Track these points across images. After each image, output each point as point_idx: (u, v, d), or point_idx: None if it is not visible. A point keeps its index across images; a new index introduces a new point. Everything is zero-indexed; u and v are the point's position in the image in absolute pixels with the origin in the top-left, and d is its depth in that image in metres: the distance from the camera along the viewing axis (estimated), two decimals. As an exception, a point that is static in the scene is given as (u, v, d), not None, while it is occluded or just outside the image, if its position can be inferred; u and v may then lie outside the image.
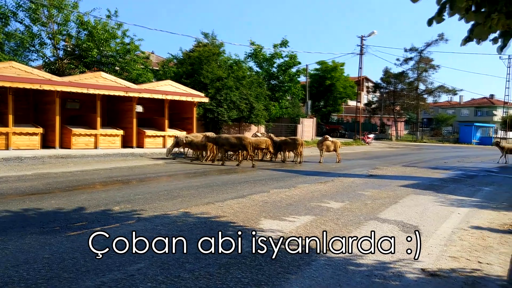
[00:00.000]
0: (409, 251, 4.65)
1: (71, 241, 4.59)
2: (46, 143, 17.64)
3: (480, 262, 4.41)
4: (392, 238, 4.55)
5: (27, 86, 16.26)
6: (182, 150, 17.16)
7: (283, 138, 17.06)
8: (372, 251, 4.58)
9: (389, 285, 3.70)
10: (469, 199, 8.56)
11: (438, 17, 3.35)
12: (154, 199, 7.22)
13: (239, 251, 4.39)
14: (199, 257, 4.18)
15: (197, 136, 15.87)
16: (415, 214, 6.68)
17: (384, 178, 11.70)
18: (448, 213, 6.89)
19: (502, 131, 54.35)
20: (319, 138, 19.33)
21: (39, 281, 3.45)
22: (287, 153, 17.08)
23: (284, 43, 34.05)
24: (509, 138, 49.93)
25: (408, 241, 4.89)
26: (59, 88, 17.12)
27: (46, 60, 25.05)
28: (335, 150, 16.68)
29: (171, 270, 3.80)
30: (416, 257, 4.39)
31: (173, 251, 4.27)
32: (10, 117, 16.26)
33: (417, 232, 4.71)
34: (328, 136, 16.91)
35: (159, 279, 3.58)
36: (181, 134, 19.19)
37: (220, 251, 4.36)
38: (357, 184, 10.19)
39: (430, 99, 53.38)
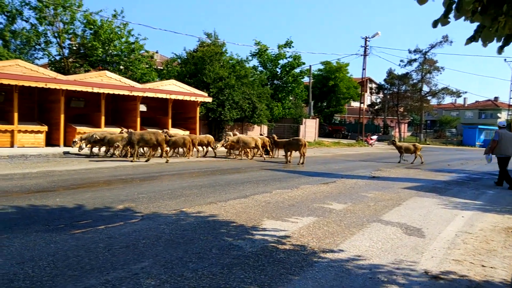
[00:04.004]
0: (412, 254, 4.65)
1: (75, 239, 4.62)
2: (51, 141, 17.73)
3: (484, 266, 4.41)
4: (395, 241, 4.55)
5: (33, 84, 16.35)
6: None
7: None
8: (375, 253, 4.59)
9: None
10: (473, 202, 8.54)
11: (443, 19, 3.34)
12: (157, 198, 7.25)
13: (242, 252, 4.41)
14: (202, 256, 4.20)
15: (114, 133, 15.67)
16: (419, 217, 6.68)
17: (387, 180, 11.69)
18: (452, 216, 6.88)
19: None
20: (322, 139, 19.42)
21: (44, 279, 3.48)
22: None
23: (288, 44, 34.08)
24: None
25: (411, 243, 4.89)
26: (64, 87, 17.20)
27: (52, 59, 25.16)
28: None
29: (174, 269, 3.82)
30: (419, 260, 4.39)
31: (177, 250, 4.30)
32: (15, 115, 16.35)
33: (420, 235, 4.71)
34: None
35: (162, 278, 3.60)
36: (185, 133, 19.24)
37: (223, 251, 4.38)
38: (360, 185, 10.19)
39: (434, 101, 53.29)
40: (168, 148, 14.93)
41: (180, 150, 16.96)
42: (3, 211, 5.81)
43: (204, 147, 17.48)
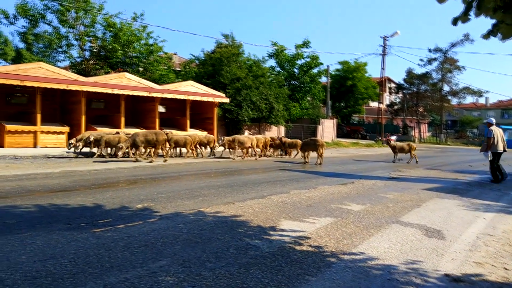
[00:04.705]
0: (432, 256, 4.58)
1: (96, 237, 4.71)
2: (72, 142, 18.07)
3: (506, 269, 4.31)
4: (415, 242, 4.49)
5: (55, 86, 16.73)
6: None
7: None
8: (394, 255, 4.54)
9: (411, 289, 3.66)
10: (495, 203, 8.35)
11: (464, 17, 3.28)
12: (176, 197, 7.32)
13: (259, 252, 4.42)
14: (219, 256, 4.23)
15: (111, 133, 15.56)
16: (439, 218, 6.57)
17: (407, 180, 11.53)
18: (473, 218, 6.74)
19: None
20: (340, 140, 19.39)
21: (65, 276, 3.55)
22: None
23: (305, 44, 33.99)
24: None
25: (431, 245, 4.81)
26: (85, 88, 17.55)
27: (73, 61, 25.69)
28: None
29: (192, 268, 3.86)
30: (439, 262, 4.32)
31: (194, 250, 4.34)
32: (38, 116, 16.75)
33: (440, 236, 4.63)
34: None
35: (180, 276, 3.64)
36: (202, 133, 19.37)
37: (240, 251, 4.40)
38: (379, 186, 10.08)
39: (454, 101, 52.22)
40: (168, 148, 14.89)
41: (183, 150, 16.72)
42: (26, 210, 5.96)
43: (203, 147, 17.24)
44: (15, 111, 18.20)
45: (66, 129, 17.54)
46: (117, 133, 15.49)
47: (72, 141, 14.71)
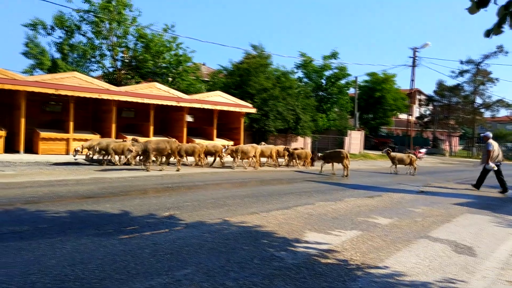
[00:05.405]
0: (462, 273, 4.44)
1: (123, 244, 4.80)
2: (102, 150, 18.54)
3: (542, 289, 4.12)
4: (444, 258, 4.36)
5: (87, 95, 17.28)
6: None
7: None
8: (422, 271, 4.42)
9: (439, 307, 3.55)
10: (530, 221, 8.02)
11: (497, 29, 3.22)
12: (201, 206, 7.38)
13: (283, 263, 4.39)
14: (243, 266, 4.23)
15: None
16: (470, 234, 6.36)
17: (436, 195, 11.23)
18: (506, 235, 6.49)
19: None
20: (368, 152, 19.18)
21: (92, 281, 3.64)
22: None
23: (334, 55, 33.83)
24: None
25: (461, 262, 4.66)
26: (116, 98, 18.03)
27: (105, 71, 26.44)
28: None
29: (216, 277, 3.87)
30: (469, 280, 4.18)
31: (219, 259, 4.35)
32: (71, 124, 17.30)
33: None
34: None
35: (204, 285, 3.66)
36: (229, 143, 19.50)
37: (264, 262, 4.39)
38: (407, 200, 9.86)
39: (487, 114, 50.63)
40: (179, 157, 14.64)
41: (190, 158, 16.55)
42: (57, 215, 6.14)
43: (210, 156, 16.91)
44: (49, 118, 18.86)
45: (97, 137, 17.99)
46: (124, 140, 15.51)
47: (78, 148, 14.53)
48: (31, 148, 16.91)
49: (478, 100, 48.48)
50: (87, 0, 23.36)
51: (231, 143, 20.74)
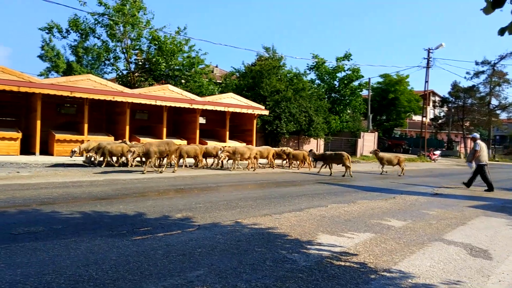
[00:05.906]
0: (477, 277, 4.36)
1: (136, 245, 4.83)
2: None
3: (561, 295, 4.03)
4: (459, 262, 4.30)
5: (102, 97, 17.49)
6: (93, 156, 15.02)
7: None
8: (437, 274, 4.36)
9: (454, 311, 3.49)
10: (548, 224, 7.85)
11: (511, 28, 3.16)
12: (214, 208, 7.40)
13: (296, 265, 4.37)
14: (256, 268, 4.22)
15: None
16: (485, 237, 6.25)
17: (451, 197, 11.07)
18: (524, 239, 6.36)
19: None
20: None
21: (106, 281, 3.67)
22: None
23: (346, 57, 33.68)
24: None
25: (476, 265, 4.58)
26: (130, 100, 18.21)
27: (119, 73, 26.77)
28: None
29: (228, 279, 3.87)
30: (485, 284, 4.10)
31: (231, 261, 4.35)
32: (86, 126, 17.53)
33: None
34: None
35: (216, 287, 3.66)
36: (241, 145, 19.51)
37: (276, 264, 4.37)
38: (421, 202, 9.74)
39: (503, 115, 49.73)
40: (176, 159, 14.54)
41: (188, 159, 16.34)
42: (71, 216, 6.22)
43: (210, 158, 16.83)
44: (64, 120, 19.16)
45: (111, 138, 18.20)
46: (122, 142, 15.58)
47: (76, 149, 14.58)
48: (46, 150, 17.18)
49: (494, 102, 47.67)
50: (102, 3, 23.67)
51: (243, 144, 20.76)
